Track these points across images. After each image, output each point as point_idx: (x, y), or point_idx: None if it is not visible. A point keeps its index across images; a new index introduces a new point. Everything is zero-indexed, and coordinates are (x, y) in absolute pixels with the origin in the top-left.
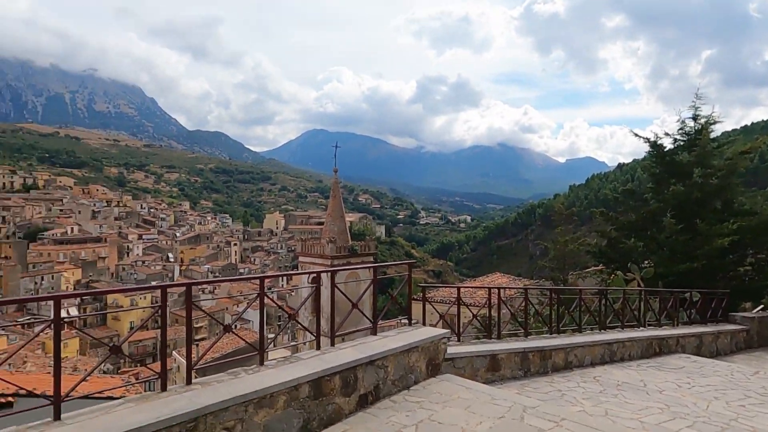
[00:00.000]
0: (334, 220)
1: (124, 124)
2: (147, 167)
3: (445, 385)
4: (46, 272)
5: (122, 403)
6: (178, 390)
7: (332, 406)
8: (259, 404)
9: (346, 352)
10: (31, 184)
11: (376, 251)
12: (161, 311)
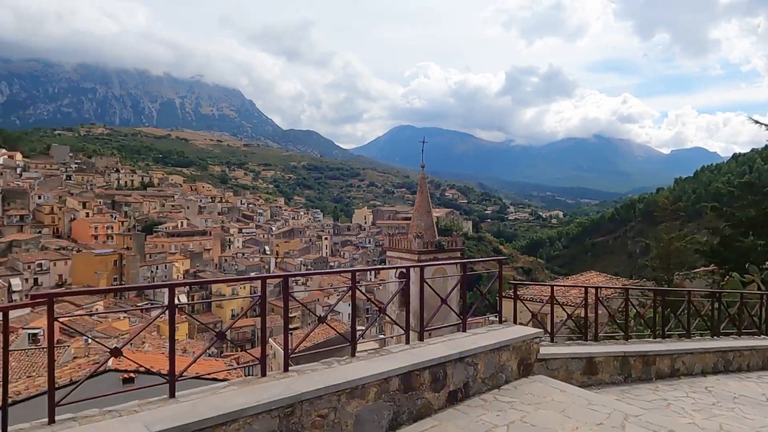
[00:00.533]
0: (421, 215)
1: (226, 126)
2: (246, 165)
3: (537, 386)
4: (160, 262)
5: (227, 385)
6: (276, 376)
7: (421, 400)
8: (351, 394)
9: (435, 347)
10: (147, 182)
11: (463, 247)
12: (261, 301)
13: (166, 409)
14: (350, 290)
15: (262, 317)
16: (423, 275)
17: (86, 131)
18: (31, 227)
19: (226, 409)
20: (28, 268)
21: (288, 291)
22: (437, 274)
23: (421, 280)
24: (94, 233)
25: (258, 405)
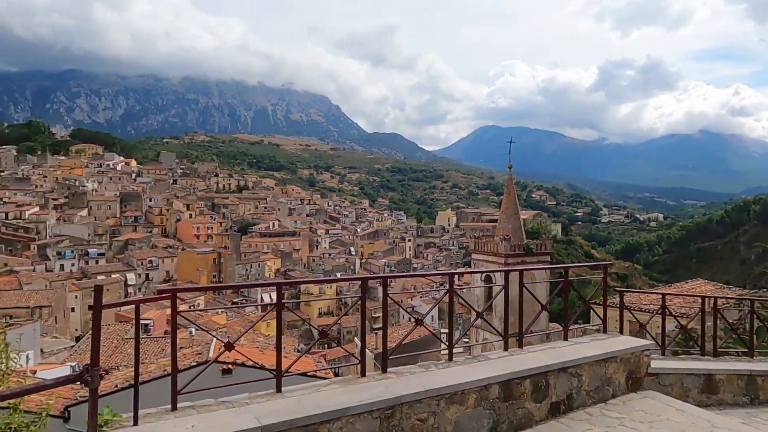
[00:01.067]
0: (508, 217)
1: (314, 130)
2: (333, 168)
3: (649, 402)
4: (253, 261)
5: (329, 383)
6: (375, 377)
7: (522, 410)
8: (451, 400)
9: (536, 355)
10: (243, 185)
11: (553, 250)
12: (361, 301)
13: (274, 404)
14: (447, 293)
15: (362, 317)
16: (522, 280)
17: (190, 139)
18: (144, 227)
19: (330, 407)
20: (140, 264)
21: (387, 292)
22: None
23: (520, 285)
24: (196, 233)
25: (360, 405)
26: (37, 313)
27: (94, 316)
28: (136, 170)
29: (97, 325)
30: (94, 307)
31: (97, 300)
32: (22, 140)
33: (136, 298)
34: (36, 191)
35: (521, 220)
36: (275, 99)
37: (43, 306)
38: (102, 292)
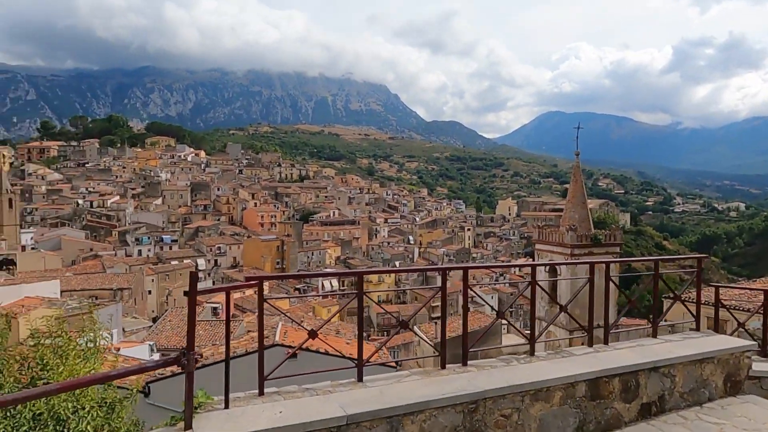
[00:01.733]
0: (575, 206)
1: (373, 120)
2: (391, 157)
3: (751, 408)
4: (315, 248)
5: (409, 375)
6: (456, 370)
7: (610, 410)
8: (535, 396)
9: (623, 353)
10: (304, 175)
11: (623, 242)
12: (442, 292)
13: (357, 393)
14: (529, 285)
15: (442, 309)
16: (608, 273)
17: (254, 130)
18: (212, 215)
19: (413, 399)
20: (210, 250)
21: (467, 282)
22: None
23: (606, 278)
24: (260, 221)
25: (443, 398)
26: (119, 295)
27: (190, 301)
28: (205, 161)
29: (193, 310)
30: (189, 292)
31: (192, 286)
32: (104, 134)
33: (227, 285)
34: (116, 181)
35: (588, 210)
36: (335, 89)
37: (124, 288)
38: (197, 278)
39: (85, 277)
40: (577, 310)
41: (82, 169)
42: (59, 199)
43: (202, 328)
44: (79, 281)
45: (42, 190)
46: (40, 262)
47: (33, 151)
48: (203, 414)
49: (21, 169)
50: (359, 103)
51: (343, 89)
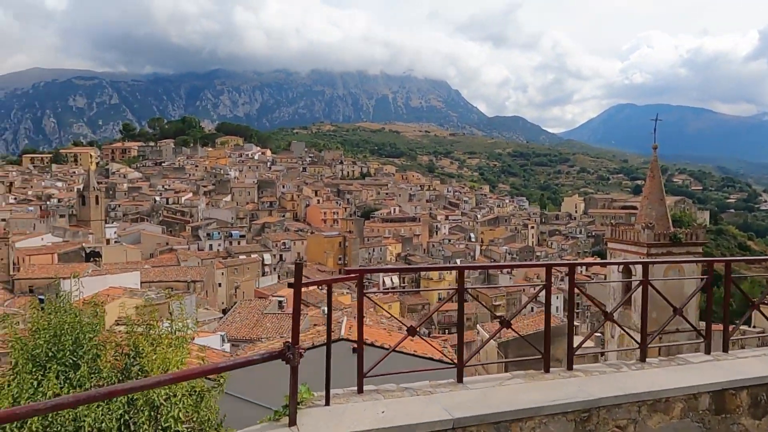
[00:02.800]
0: (652, 203)
1: (433, 116)
2: (452, 154)
3: None
4: (376, 245)
5: (511, 377)
6: (561, 374)
7: (737, 426)
8: (653, 407)
9: (749, 362)
10: (365, 172)
11: (706, 241)
12: (546, 290)
13: (458, 395)
14: (641, 284)
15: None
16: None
17: (317, 129)
18: (278, 211)
19: (522, 405)
20: (275, 245)
21: (573, 280)
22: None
23: (727, 279)
24: (323, 218)
25: (553, 405)
26: (192, 287)
27: (295, 293)
28: (270, 159)
29: (298, 302)
30: (294, 284)
31: (297, 277)
32: (178, 134)
33: (329, 278)
34: (189, 179)
35: (667, 207)
36: (396, 87)
37: (196, 281)
38: (302, 269)
39: (161, 270)
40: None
41: (159, 168)
42: (139, 196)
43: (269, 320)
44: (156, 273)
45: (124, 188)
46: (122, 254)
47: (116, 152)
48: (305, 410)
49: (106, 168)
50: (420, 100)
51: (403, 86)
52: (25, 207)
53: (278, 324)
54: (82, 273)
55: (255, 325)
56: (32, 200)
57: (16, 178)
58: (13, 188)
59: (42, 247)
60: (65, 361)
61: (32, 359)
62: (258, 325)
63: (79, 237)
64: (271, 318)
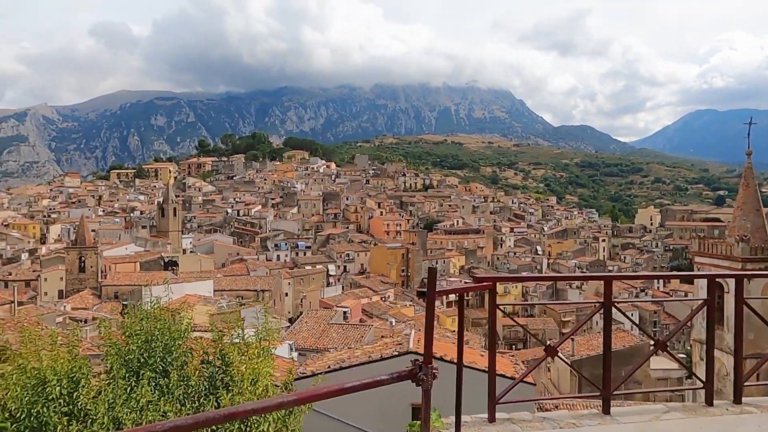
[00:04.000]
0: (746, 213)
1: (496, 127)
2: (516, 165)
3: None
4: (439, 257)
5: (667, 410)
6: (729, 409)
7: None
8: None
9: None
10: (428, 184)
11: None
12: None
13: (608, 429)
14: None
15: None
16: None
17: (379, 142)
18: (342, 223)
19: None
20: (339, 256)
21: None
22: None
23: None
24: (386, 229)
25: None
26: (261, 296)
27: (428, 304)
28: (335, 172)
29: (431, 314)
30: (428, 291)
31: (431, 284)
32: (248, 149)
33: (460, 286)
34: (258, 192)
35: (764, 218)
36: (458, 98)
37: (265, 290)
38: (435, 273)
39: (232, 279)
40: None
41: (230, 182)
42: (212, 209)
43: (335, 331)
44: (228, 282)
45: (199, 201)
46: (196, 264)
47: (192, 167)
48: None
49: (183, 182)
50: (483, 111)
51: (466, 98)
52: (112, 219)
53: (344, 334)
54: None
55: (321, 335)
56: (118, 212)
57: (104, 192)
58: (102, 201)
59: (126, 256)
60: (156, 367)
61: (126, 364)
62: (324, 335)
63: (158, 247)
64: (336, 328)
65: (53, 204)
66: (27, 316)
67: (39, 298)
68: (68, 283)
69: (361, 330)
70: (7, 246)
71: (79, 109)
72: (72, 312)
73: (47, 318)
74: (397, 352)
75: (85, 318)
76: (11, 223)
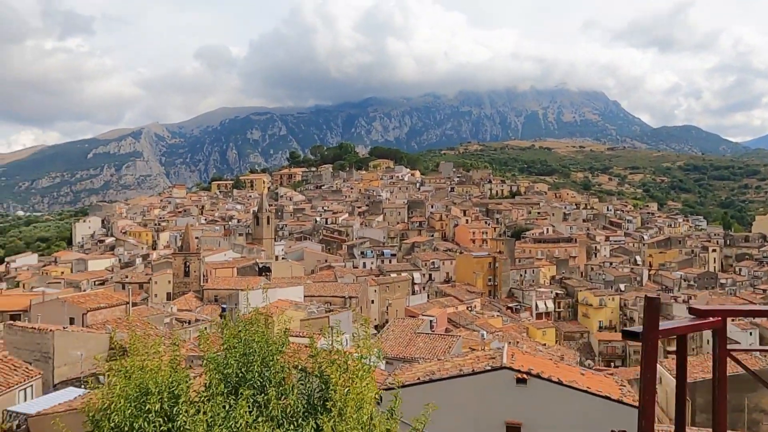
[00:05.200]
0: None
1: (588, 131)
2: (610, 170)
3: None
4: (528, 266)
5: None
6: None
7: None
8: None
9: None
10: (515, 191)
11: None
12: None
13: None
14: None
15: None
16: None
17: (464, 149)
18: (426, 231)
19: None
20: (425, 264)
21: None
22: None
23: None
24: (472, 237)
25: None
26: (349, 303)
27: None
28: (419, 180)
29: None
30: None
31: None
32: (336, 159)
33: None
34: (345, 201)
35: None
36: (546, 102)
37: (352, 297)
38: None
39: (321, 285)
40: None
41: (319, 191)
42: (302, 217)
43: (422, 340)
44: (317, 288)
45: (290, 209)
46: (288, 270)
47: (284, 177)
48: None
49: (275, 192)
50: (573, 114)
51: (554, 101)
52: (212, 227)
53: (430, 344)
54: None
55: (408, 344)
56: (218, 221)
57: (206, 202)
58: (204, 211)
59: (225, 261)
60: (254, 382)
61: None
62: (411, 344)
63: (253, 253)
64: (423, 338)
65: (163, 213)
66: (139, 316)
67: (150, 300)
68: (175, 286)
69: (448, 340)
70: (124, 251)
71: (185, 126)
72: (177, 313)
73: (156, 318)
74: (489, 366)
75: (189, 319)
76: (128, 231)
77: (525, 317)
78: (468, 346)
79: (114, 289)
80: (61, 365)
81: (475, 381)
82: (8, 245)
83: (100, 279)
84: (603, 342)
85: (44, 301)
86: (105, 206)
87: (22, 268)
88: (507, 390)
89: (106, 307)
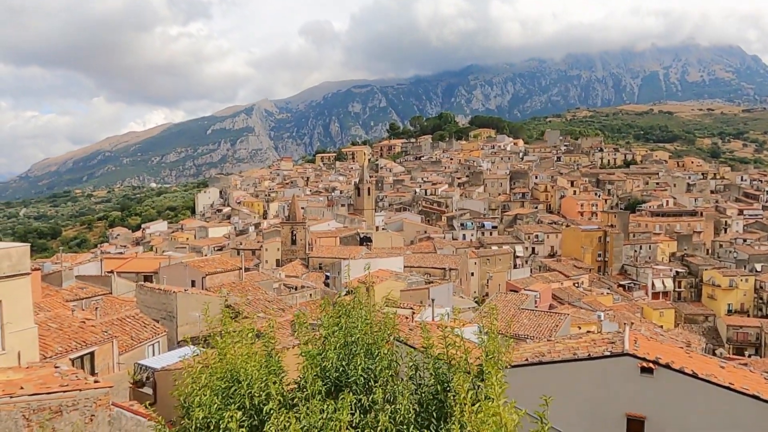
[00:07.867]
0: None
1: (718, 91)
2: (745, 135)
3: None
4: (644, 242)
5: None
6: None
7: None
8: None
9: None
10: (630, 159)
11: None
12: None
13: None
14: None
15: None
16: None
17: (572, 116)
18: (530, 203)
19: None
20: (527, 237)
21: None
22: None
23: None
24: (580, 210)
25: None
26: (449, 275)
27: None
28: (522, 150)
29: None
30: None
31: None
32: (435, 130)
33: None
34: (445, 171)
35: None
36: (668, 61)
37: (452, 268)
38: None
39: (420, 256)
40: None
41: (418, 162)
42: (402, 188)
43: (526, 317)
44: (416, 259)
45: (390, 181)
46: (387, 240)
47: (383, 149)
48: None
49: (375, 163)
50: (701, 73)
51: (678, 59)
52: (317, 197)
53: (536, 321)
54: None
55: (512, 320)
56: (322, 192)
57: (311, 174)
58: (309, 182)
59: (328, 231)
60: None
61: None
62: (515, 320)
63: (355, 224)
64: (528, 314)
65: (272, 185)
66: (251, 281)
67: (261, 266)
68: (283, 254)
69: (555, 318)
70: (239, 220)
71: (291, 101)
72: (285, 279)
73: (266, 284)
74: (609, 352)
75: (296, 285)
76: (242, 201)
77: (639, 296)
78: (576, 325)
79: (230, 254)
80: (183, 324)
81: (592, 367)
82: (144, 213)
83: (218, 245)
84: (733, 327)
85: (170, 264)
86: (222, 178)
87: (155, 234)
88: (629, 379)
89: (222, 271)
